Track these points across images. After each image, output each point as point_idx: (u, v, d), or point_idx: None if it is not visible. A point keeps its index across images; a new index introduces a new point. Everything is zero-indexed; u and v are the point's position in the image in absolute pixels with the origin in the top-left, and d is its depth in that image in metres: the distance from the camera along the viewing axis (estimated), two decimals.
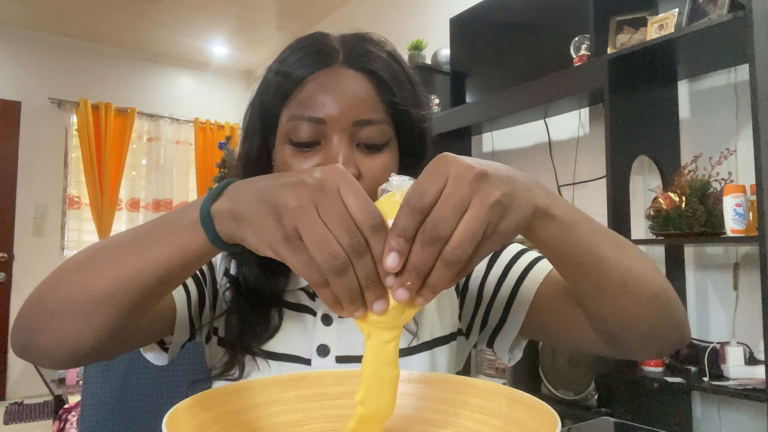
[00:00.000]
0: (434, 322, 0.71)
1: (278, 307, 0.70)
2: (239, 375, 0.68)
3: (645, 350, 0.58)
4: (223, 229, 0.45)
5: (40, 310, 0.50)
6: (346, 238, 0.38)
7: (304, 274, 0.39)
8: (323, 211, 0.39)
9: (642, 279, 0.52)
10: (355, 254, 0.38)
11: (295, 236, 0.39)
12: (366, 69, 0.65)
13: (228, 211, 0.44)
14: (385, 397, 0.43)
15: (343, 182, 0.40)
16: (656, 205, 1.85)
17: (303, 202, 0.39)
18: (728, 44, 1.76)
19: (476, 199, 0.39)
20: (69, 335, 0.50)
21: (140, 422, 0.98)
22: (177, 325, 0.66)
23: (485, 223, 0.39)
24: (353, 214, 0.39)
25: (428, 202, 0.38)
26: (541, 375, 2.10)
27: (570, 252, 0.48)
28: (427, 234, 0.38)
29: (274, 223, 0.40)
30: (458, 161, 0.40)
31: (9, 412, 3.92)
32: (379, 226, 0.39)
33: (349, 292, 0.39)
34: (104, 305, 0.48)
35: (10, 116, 4.48)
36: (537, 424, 0.42)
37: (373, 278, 0.39)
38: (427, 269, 0.39)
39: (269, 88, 0.67)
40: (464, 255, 0.38)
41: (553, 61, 2.29)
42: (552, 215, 0.45)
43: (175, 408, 0.41)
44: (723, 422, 1.90)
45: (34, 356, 0.53)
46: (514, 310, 0.68)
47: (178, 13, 4.31)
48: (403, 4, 3.64)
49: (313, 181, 0.40)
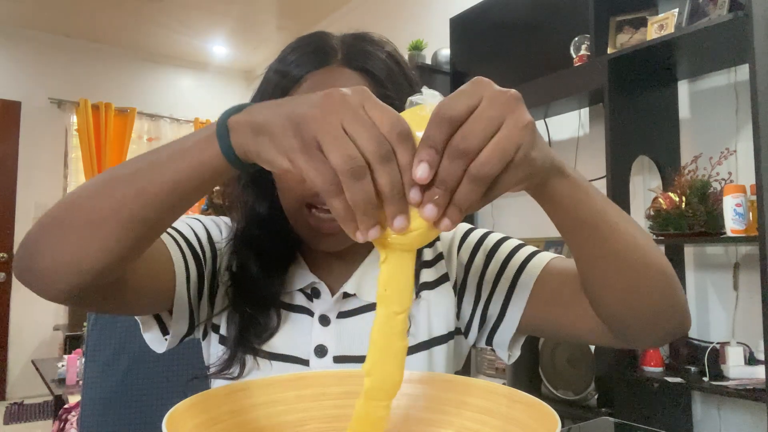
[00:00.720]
0: (432, 322, 0.71)
1: (276, 308, 0.70)
2: (239, 373, 0.68)
3: (646, 333, 0.57)
4: (238, 141, 0.43)
5: (49, 223, 0.49)
6: (370, 144, 0.37)
7: (318, 181, 0.38)
8: (347, 122, 0.38)
9: (649, 253, 0.52)
10: (381, 160, 0.37)
11: (313, 145, 0.38)
12: (363, 69, 0.65)
13: (246, 122, 0.43)
14: (391, 367, 0.43)
15: (367, 99, 0.39)
16: (656, 205, 1.85)
17: (325, 111, 0.38)
18: (728, 44, 1.76)
19: (510, 119, 0.38)
20: (73, 248, 0.48)
21: (140, 422, 0.98)
22: (176, 304, 0.65)
23: (516, 143, 0.38)
24: (378, 124, 0.38)
25: (460, 115, 0.37)
26: (541, 375, 2.10)
27: (582, 212, 0.48)
28: (455, 147, 0.37)
29: (292, 133, 0.39)
30: (493, 85, 0.40)
31: (9, 412, 3.92)
32: (406, 135, 0.38)
33: (364, 201, 0.37)
34: (112, 217, 0.47)
35: (10, 116, 4.49)
36: (537, 424, 0.42)
37: (398, 188, 0.37)
38: (455, 184, 0.38)
39: (269, 86, 0.67)
40: (492, 171, 0.37)
41: (553, 61, 2.29)
42: (566, 173, 0.46)
43: (174, 408, 0.41)
44: (723, 422, 1.90)
45: (33, 276, 0.51)
46: (514, 302, 0.68)
47: (178, 14, 4.32)
48: (403, 4, 3.64)
49: (338, 95, 0.39)
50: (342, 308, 0.70)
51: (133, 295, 0.59)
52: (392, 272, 0.42)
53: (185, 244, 0.67)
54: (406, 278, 0.42)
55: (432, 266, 0.74)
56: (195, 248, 0.68)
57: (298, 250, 0.73)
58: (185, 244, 0.67)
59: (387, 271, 0.42)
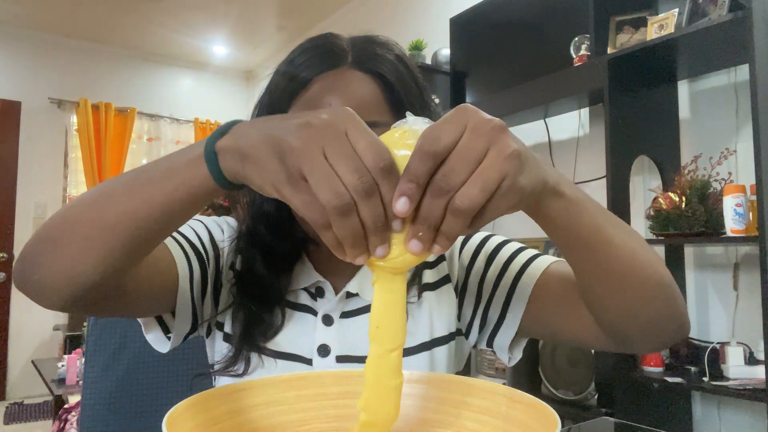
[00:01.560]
0: (433, 323, 0.72)
1: (281, 306, 0.70)
2: (244, 370, 0.68)
3: (646, 341, 0.57)
4: (227, 166, 0.44)
5: (45, 237, 0.50)
6: (353, 177, 0.36)
7: (307, 215, 0.38)
8: (330, 152, 0.37)
9: (647, 265, 0.51)
10: (363, 194, 0.37)
11: (298, 177, 0.38)
12: (374, 71, 0.65)
13: (233, 148, 0.43)
14: (387, 406, 0.43)
15: (351, 124, 0.38)
16: (656, 205, 1.85)
17: (308, 143, 0.38)
18: (728, 44, 1.76)
19: (493, 150, 0.38)
20: (68, 262, 0.49)
21: (140, 422, 0.98)
22: (179, 305, 0.65)
23: (501, 173, 0.37)
24: (362, 156, 0.37)
25: (442, 148, 0.37)
26: (541, 375, 2.10)
27: (577, 231, 0.48)
28: (437, 185, 0.37)
29: (277, 164, 0.39)
30: (477, 113, 0.39)
31: (9, 412, 3.92)
32: (390, 168, 0.37)
33: (352, 235, 0.38)
34: (106, 233, 0.48)
35: (10, 116, 4.49)
36: (537, 424, 0.42)
37: (381, 221, 0.38)
38: (438, 220, 0.38)
39: (277, 87, 0.67)
40: (472, 204, 0.37)
41: (553, 61, 2.29)
42: (561, 192, 0.45)
43: (174, 408, 0.41)
44: (723, 422, 1.90)
45: (32, 288, 0.52)
46: (513, 306, 0.68)
47: (178, 14, 4.32)
48: (403, 4, 3.64)
49: (320, 123, 0.38)
50: (345, 308, 0.71)
51: (134, 299, 0.59)
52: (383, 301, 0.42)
53: (188, 245, 0.67)
54: (398, 311, 0.43)
55: (434, 267, 0.74)
56: (198, 249, 0.69)
57: (303, 249, 0.73)
58: (188, 245, 0.67)
59: (378, 301, 0.42)
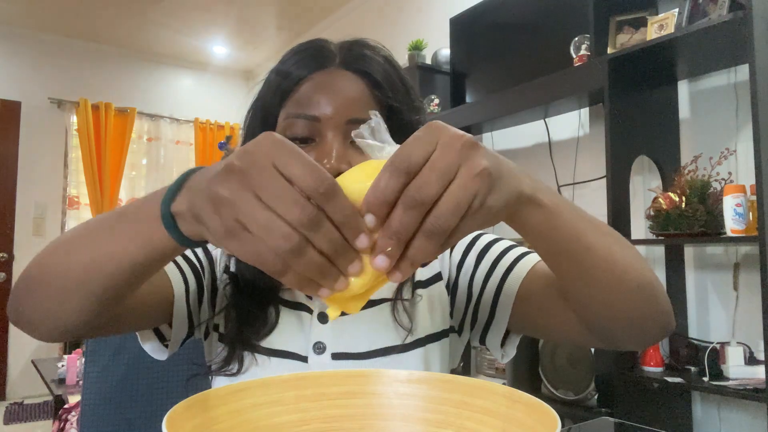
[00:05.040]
0: (426, 320, 0.72)
1: (275, 305, 0.71)
2: (238, 370, 0.68)
3: (630, 340, 0.58)
4: (187, 229, 0.43)
5: (27, 285, 0.52)
6: (295, 212, 0.34)
7: (259, 265, 0.36)
8: (262, 193, 0.35)
9: (628, 268, 0.52)
10: (312, 227, 0.34)
11: (238, 228, 0.35)
12: (361, 71, 0.67)
13: (186, 211, 0.41)
14: None
15: (277, 154, 0.35)
16: (656, 205, 1.85)
17: (235, 189, 0.35)
18: (728, 44, 1.76)
19: (464, 168, 0.37)
20: (51, 312, 0.51)
21: (140, 422, 0.98)
22: (175, 317, 0.66)
23: (472, 193, 0.37)
24: (298, 183, 0.34)
25: (414, 165, 0.36)
26: (541, 375, 2.10)
27: (556, 239, 0.48)
28: (409, 198, 0.36)
29: (216, 218, 0.37)
30: (448, 129, 0.38)
31: (9, 412, 3.92)
32: (332, 190, 0.35)
33: (317, 269, 0.36)
34: (79, 289, 0.49)
35: (10, 116, 4.49)
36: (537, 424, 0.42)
37: (340, 244, 0.36)
38: (407, 236, 0.37)
39: (269, 89, 0.69)
40: (446, 225, 0.36)
41: (553, 61, 2.29)
42: (538, 201, 0.45)
43: (174, 408, 0.41)
44: (723, 422, 1.90)
45: (24, 326, 0.54)
46: (501, 305, 0.69)
47: (178, 14, 4.32)
48: (403, 4, 3.64)
49: (242, 164, 0.35)
50: None
51: (130, 320, 0.61)
52: None
53: (181, 258, 0.69)
54: None
55: (426, 264, 0.75)
56: (191, 260, 0.70)
57: None
58: (181, 258, 0.69)
59: None
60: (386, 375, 0.53)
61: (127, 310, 0.58)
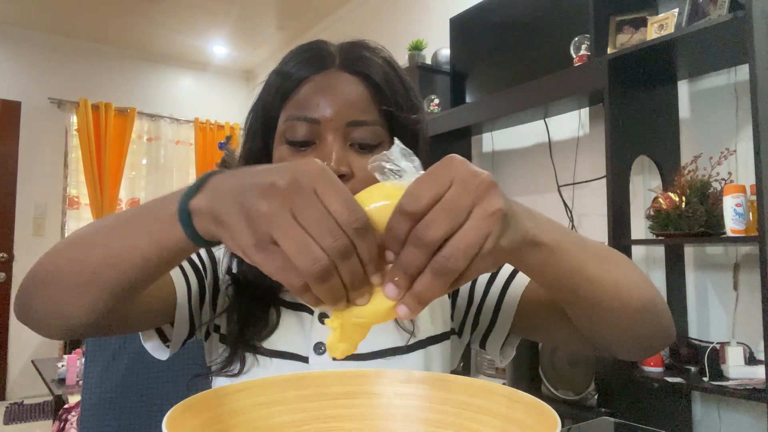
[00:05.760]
0: (427, 322, 0.73)
1: (276, 305, 0.71)
2: (239, 370, 0.69)
3: (632, 353, 0.60)
4: (202, 227, 0.43)
5: (37, 281, 0.52)
6: (329, 240, 0.35)
7: (282, 280, 0.37)
8: (300, 214, 0.36)
9: (631, 292, 0.52)
10: (341, 256, 0.36)
11: (268, 242, 0.36)
12: (361, 73, 0.67)
13: (207, 211, 0.42)
14: None
15: (320, 181, 0.37)
16: (656, 205, 1.85)
17: (276, 207, 0.36)
18: (728, 44, 1.76)
19: (478, 208, 0.36)
20: (61, 308, 0.51)
21: (140, 422, 0.98)
22: (177, 317, 0.67)
23: (484, 234, 0.36)
24: (335, 215, 0.36)
25: (423, 208, 0.36)
26: (541, 375, 2.10)
27: (559, 277, 0.48)
28: (417, 236, 0.36)
29: (247, 229, 0.37)
30: (466, 166, 0.38)
31: (9, 412, 3.92)
32: (364, 228, 0.36)
33: (332, 294, 0.37)
34: (92, 285, 0.49)
35: (10, 116, 4.48)
36: (537, 424, 0.42)
37: (360, 280, 0.37)
38: (414, 271, 0.37)
39: (270, 91, 0.69)
40: (455, 266, 0.36)
41: (553, 61, 2.29)
42: (539, 242, 0.44)
43: (174, 408, 0.41)
44: (723, 422, 1.90)
45: (32, 323, 0.55)
46: (503, 314, 0.69)
47: (178, 14, 4.31)
48: (403, 4, 3.64)
49: (286, 183, 0.37)
50: None
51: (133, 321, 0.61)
52: None
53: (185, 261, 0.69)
54: None
55: None
56: (194, 262, 0.71)
57: None
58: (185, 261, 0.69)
59: None
60: (386, 375, 0.53)
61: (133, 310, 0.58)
